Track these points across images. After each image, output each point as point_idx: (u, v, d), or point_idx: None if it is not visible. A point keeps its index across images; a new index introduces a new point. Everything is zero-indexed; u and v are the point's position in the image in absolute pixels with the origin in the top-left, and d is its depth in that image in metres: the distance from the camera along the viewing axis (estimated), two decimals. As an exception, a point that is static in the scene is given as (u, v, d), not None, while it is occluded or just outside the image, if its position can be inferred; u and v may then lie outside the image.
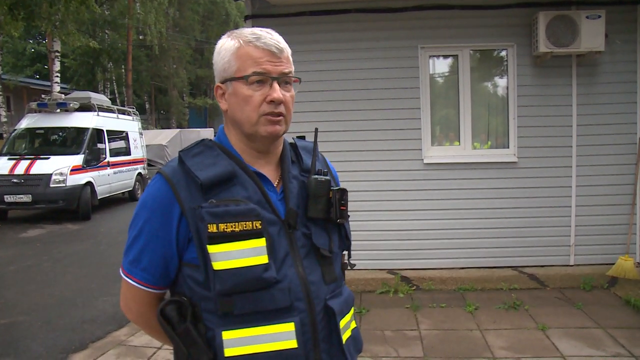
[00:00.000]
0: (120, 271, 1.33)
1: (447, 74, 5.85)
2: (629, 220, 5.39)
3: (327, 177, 1.36)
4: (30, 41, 31.14)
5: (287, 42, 1.33)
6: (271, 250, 1.23)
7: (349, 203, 1.40)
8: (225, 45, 1.30)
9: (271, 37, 1.29)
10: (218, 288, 1.19)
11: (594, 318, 4.49)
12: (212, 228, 1.18)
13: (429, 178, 5.51)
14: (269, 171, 1.34)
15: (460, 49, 5.49)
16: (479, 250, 5.51)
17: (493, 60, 5.78)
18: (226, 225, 1.19)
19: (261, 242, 1.21)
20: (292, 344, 1.23)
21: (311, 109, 5.30)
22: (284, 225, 1.28)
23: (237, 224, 1.19)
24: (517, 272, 5.42)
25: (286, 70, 1.29)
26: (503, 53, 5.59)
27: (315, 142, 1.44)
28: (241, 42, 1.28)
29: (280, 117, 1.29)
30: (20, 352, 4.32)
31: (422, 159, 5.51)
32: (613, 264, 5.32)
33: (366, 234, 5.39)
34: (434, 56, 5.63)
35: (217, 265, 1.19)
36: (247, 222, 1.20)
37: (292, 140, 1.47)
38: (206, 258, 1.21)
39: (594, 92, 5.35)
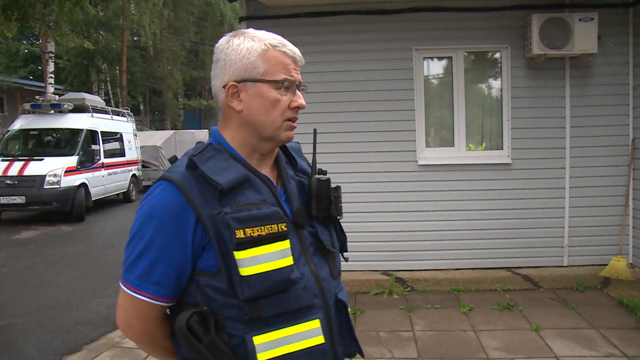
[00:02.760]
0: (125, 288, 1.24)
1: (441, 76, 5.87)
2: (622, 221, 5.42)
3: (328, 177, 1.39)
4: (24, 42, 30.96)
5: None
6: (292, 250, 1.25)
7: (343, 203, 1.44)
8: (247, 45, 1.28)
9: (292, 45, 1.33)
10: (247, 294, 1.18)
11: (587, 318, 4.51)
12: (240, 234, 1.16)
13: (423, 179, 5.53)
14: (267, 173, 1.35)
15: (455, 50, 5.51)
16: (473, 252, 5.53)
17: (487, 62, 5.80)
18: (252, 230, 1.17)
19: (286, 244, 1.22)
20: (320, 339, 1.26)
21: (305, 110, 5.28)
22: (293, 225, 1.30)
23: (263, 227, 1.19)
24: (511, 273, 5.45)
25: (301, 79, 1.34)
26: (497, 55, 5.62)
27: (314, 142, 1.46)
28: (268, 45, 1.28)
29: (295, 123, 1.35)
30: (14, 355, 4.30)
31: (417, 161, 5.53)
32: (606, 264, 5.36)
33: (361, 235, 5.39)
34: (428, 58, 5.66)
35: (245, 271, 1.17)
36: (273, 225, 1.20)
37: None
38: (229, 265, 1.18)
39: (587, 94, 5.39)
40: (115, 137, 13.90)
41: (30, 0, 10.05)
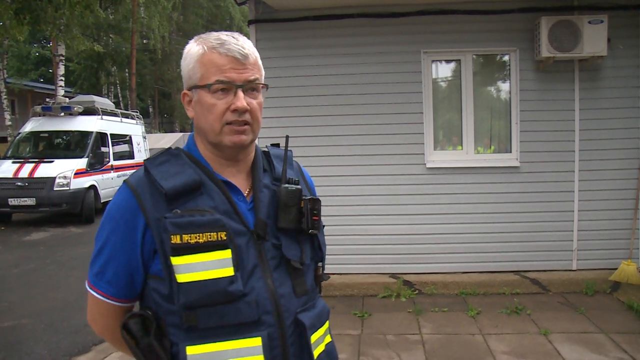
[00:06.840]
0: (86, 283, 1.29)
1: (449, 79, 5.86)
2: (632, 225, 5.38)
3: (298, 187, 1.30)
4: (35, 45, 31.34)
5: (289, 47, 1.34)
6: (238, 262, 1.18)
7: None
8: (191, 51, 1.26)
9: (236, 42, 1.23)
10: (182, 301, 1.15)
11: (596, 323, 4.49)
12: (176, 239, 1.14)
13: (431, 182, 5.52)
14: (239, 180, 1.30)
15: (463, 53, 5.51)
16: (481, 255, 5.51)
17: (496, 65, 5.79)
18: (190, 237, 1.14)
19: (226, 254, 1.17)
20: (259, 359, 1.18)
21: (313, 113, 5.32)
22: (253, 236, 1.23)
23: (201, 235, 1.15)
24: (520, 277, 5.42)
25: (252, 77, 1.24)
26: (506, 58, 5.60)
27: (286, 149, 1.40)
28: (205, 48, 1.23)
29: (246, 126, 1.24)
30: (23, 355, 4.34)
31: (425, 164, 5.52)
32: (616, 268, 5.31)
33: (369, 238, 5.40)
34: (436, 61, 5.65)
35: (181, 277, 1.14)
36: (212, 233, 1.16)
37: (265, 148, 1.43)
38: (170, 270, 1.16)
39: (596, 97, 5.36)
40: (125, 139, 14.00)
41: (42, 4, 10.17)
